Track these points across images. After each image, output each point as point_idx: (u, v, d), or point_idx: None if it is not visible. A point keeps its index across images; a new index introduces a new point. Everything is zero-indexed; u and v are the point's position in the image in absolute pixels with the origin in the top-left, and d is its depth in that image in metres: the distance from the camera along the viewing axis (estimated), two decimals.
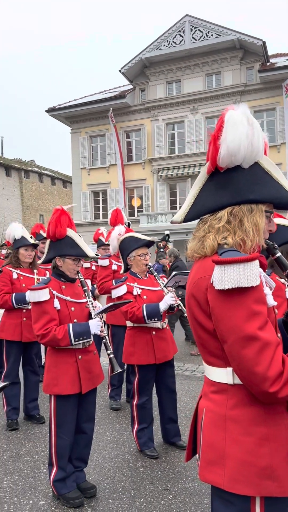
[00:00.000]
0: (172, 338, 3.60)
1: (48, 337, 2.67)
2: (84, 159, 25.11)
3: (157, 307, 3.30)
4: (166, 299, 3.32)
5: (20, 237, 4.27)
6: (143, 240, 3.54)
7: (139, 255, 3.51)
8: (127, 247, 3.56)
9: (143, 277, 3.56)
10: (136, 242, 3.52)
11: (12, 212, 41.78)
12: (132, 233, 3.62)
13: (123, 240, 3.60)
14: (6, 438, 3.84)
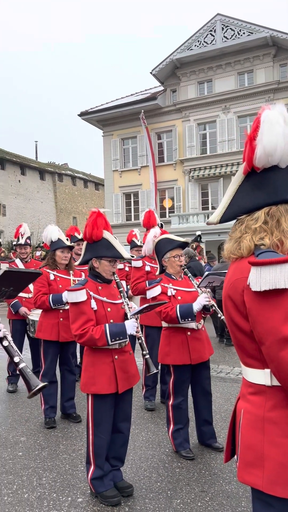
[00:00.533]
0: (208, 339, 3.59)
1: (85, 337, 2.73)
2: (116, 162, 25.34)
3: (190, 308, 3.31)
4: (200, 300, 3.32)
5: (56, 239, 4.37)
6: (177, 242, 3.56)
7: (173, 256, 3.53)
8: (162, 249, 3.59)
9: (178, 278, 3.57)
10: (171, 243, 3.55)
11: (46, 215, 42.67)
12: (167, 234, 3.65)
13: (158, 241, 3.63)
14: (45, 436, 3.93)
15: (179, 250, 3.56)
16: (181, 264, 3.55)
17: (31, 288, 5.15)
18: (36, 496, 2.91)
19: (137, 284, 4.76)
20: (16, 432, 4.03)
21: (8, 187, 39.42)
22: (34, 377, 1.65)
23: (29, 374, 1.64)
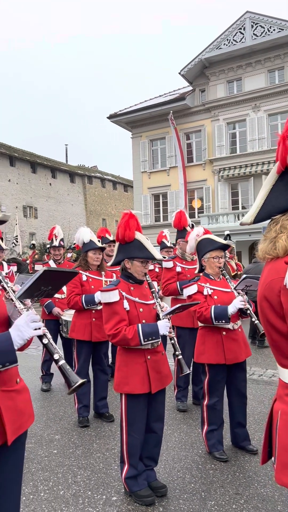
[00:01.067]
0: (245, 341, 3.54)
1: (118, 337, 2.76)
2: (144, 163, 25.43)
3: (225, 310, 3.29)
4: (235, 303, 3.30)
5: (88, 241, 4.44)
6: (218, 243, 3.55)
7: (213, 257, 3.52)
8: (202, 249, 3.59)
9: (216, 279, 3.56)
10: (212, 244, 3.54)
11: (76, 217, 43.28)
12: (209, 235, 3.63)
13: (200, 241, 3.63)
14: (78, 435, 3.99)
15: (219, 252, 3.54)
16: (220, 265, 3.54)
17: (64, 289, 5.24)
18: (72, 493, 2.96)
19: (168, 285, 4.77)
20: (51, 430, 4.11)
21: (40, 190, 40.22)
22: (73, 373, 1.69)
23: (68, 371, 1.68)
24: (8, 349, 1.60)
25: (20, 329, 1.63)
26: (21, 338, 1.63)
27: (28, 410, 1.82)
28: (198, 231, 3.71)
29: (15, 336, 1.62)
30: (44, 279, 1.70)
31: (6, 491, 1.76)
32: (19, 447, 1.80)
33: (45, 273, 1.67)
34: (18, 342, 1.62)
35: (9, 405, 1.69)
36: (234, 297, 3.40)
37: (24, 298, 1.76)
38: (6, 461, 1.75)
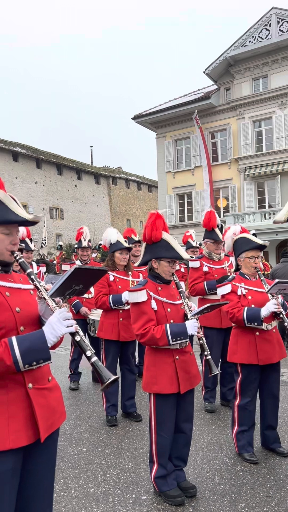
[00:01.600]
0: (280, 342, 3.46)
1: (147, 337, 2.76)
2: (169, 163, 25.39)
3: (258, 313, 3.25)
4: (268, 306, 3.24)
5: (115, 241, 4.47)
6: (255, 243, 3.48)
7: (249, 257, 3.48)
8: (238, 248, 3.55)
9: (251, 279, 3.51)
10: (248, 244, 3.48)
11: (101, 218, 43.64)
12: (246, 234, 3.57)
13: (236, 240, 3.58)
14: (107, 433, 4.02)
15: (255, 252, 3.48)
16: (256, 265, 3.47)
17: (92, 289, 5.29)
18: (102, 491, 2.99)
19: (195, 284, 4.74)
20: (80, 428, 4.16)
21: (66, 192, 40.77)
22: (106, 370, 1.70)
23: (101, 368, 1.70)
24: (42, 346, 1.63)
25: (53, 326, 1.66)
26: (54, 335, 1.66)
27: (60, 408, 1.85)
28: (235, 229, 3.65)
29: (48, 333, 1.65)
30: (75, 277, 1.73)
31: (39, 487, 1.80)
32: (51, 445, 1.83)
33: (76, 271, 1.70)
34: (51, 339, 1.66)
35: (41, 403, 1.73)
36: (268, 298, 3.33)
37: (56, 296, 1.79)
38: (39, 458, 1.78)
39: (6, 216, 1.76)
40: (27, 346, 1.61)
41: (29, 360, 1.61)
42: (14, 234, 1.82)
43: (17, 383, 1.68)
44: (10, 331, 1.69)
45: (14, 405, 1.66)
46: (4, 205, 1.78)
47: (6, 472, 1.62)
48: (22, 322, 1.74)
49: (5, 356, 1.57)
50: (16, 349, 1.59)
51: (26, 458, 1.74)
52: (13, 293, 1.77)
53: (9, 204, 1.79)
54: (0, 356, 1.57)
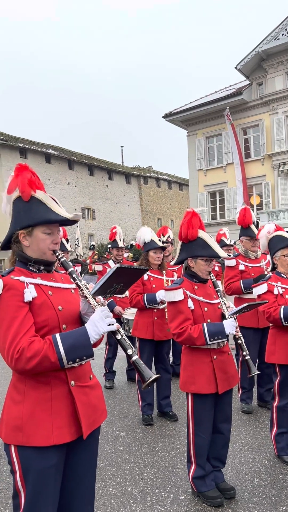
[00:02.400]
0: None
1: (184, 336, 2.74)
2: (200, 161, 25.18)
3: None
4: None
5: (149, 241, 4.46)
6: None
7: (284, 255, 3.39)
8: (274, 246, 3.46)
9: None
10: (282, 241, 3.40)
11: (132, 218, 43.83)
12: (281, 232, 3.49)
13: (271, 238, 3.51)
14: (143, 432, 4.03)
15: None
16: None
17: None
18: (139, 490, 3.00)
19: (231, 283, 4.67)
20: (116, 427, 4.18)
21: (97, 192, 41.18)
22: (147, 369, 1.71)
23: (142, 366, 1.70)
24: (86, 343, 1.65)
25: (96, 324, 1.68)
26: (97, 333, 1.68)
27: (101, 406, 1.86)
28: (269, 228, 3.57)
29: (91, 330, 1.67)
30: (116, 276, 1.74)
31: (81, 483, 1.82)
32: (93, 442, 1.84)
33: (118, 270, 1.71)
34: (94, 336, 1.67)
35: (83, 400, 1.74)
36: None
37: (97, 295, 1.80)
38: (81, 455, 1.80)
39: (47, 216, 1.79)
40: (70, 343, 1.64)
41: (73, 356, 1.64)
42: (55, 234, 1.85)
43: (60, 380, 1.71)
44: (53, 329, 1.72)
45: (57, 402, 1.68)
46: (45, 205, 1.81)
47: (50, 467, 1.65)
48: (64, 320, 1.76)
49: (49, 352, 1.60)
50: (60, 345, 1.62)
51: (68, 455, 1.76)
52: (55, 292, 1.80)
53: (50, 204, 1.82)
54: (45, 352, 1.59)
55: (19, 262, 1.85)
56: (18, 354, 1.59)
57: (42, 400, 1.67)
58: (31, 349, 1.59)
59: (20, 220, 1.81)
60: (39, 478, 1.65)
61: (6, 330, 1.64)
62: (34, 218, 1.79)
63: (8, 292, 1.69)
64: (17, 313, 1.66)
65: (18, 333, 1.62)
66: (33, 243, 1.81)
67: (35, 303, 1.71)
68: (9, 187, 1.84)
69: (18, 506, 1.70)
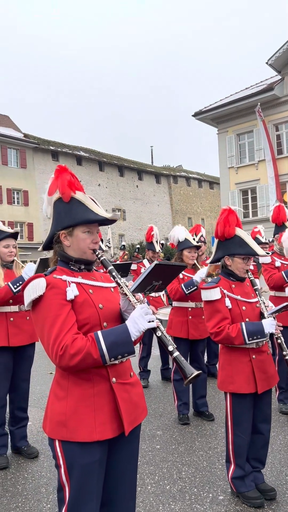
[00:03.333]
0: None
1: (221, 335, 2.72)
2: (231, 158, 24.87)
3: None
4: None
5: (183, 240, 4.45)
6: None
7: None
8: None
9: None
10: None
11: (162, 217, 43.79)
12: None
13: None
14: (179, 432, 4.03)
15: None
16: None
17: None
18: (178, 489, 3.00)
19: (272, 275, 4.52)
20: (152, 425, 4.19)
21: (127, 193, 41.40)
22: (188, 365, 1.71)
23: (183, 363, 1.71)
24: (126, 340, 1.67)
25: (136, 321, 1.69)
26: (137, 329, 1.69)
27: (142, 404, 1.88)
28: None
29: (131, 327, 1.69)
30: (155, 273, 1.75)
31: (123, 480, 1.84)
32: (134, 439, 1.86)
33: (157, 267, 1.72)
34: (134, 333, 1.69)
35: (125, 397, 1.76)
36: None
37: (137, 292, 1.82)
38: (123, 452, 1.82)
39: (87, 216, 1.82)
40: (112, 340, 1.66)
41: (115, 353, 1.66)
42: (95, 233, 1.88)
43: (101, 377, 1.73)
44: (94, 327, 1.75)
45: (99, 399, 1.71)
46: (85, 205, 1.84)
47: (93, 463, 1.68)
48: (105, 318, 1.79)
49: (92, 349, 1.63)
50: (102, 343, 1.64)
51: (111, 451, 1.79)
52: (96, 290, 1.83)
53: (89, 204, 1.85)
54: (88, 349, 1.62)
55: (60, 261, 1.90)
56: (62, 351, 1.63)
57: (85, 397, 1.70)
58: (74, 346, 1.63)
59: (61, 221, 1.85)
60: (83, 473, 1.68)
61: (50, 327, 1.68)
62: (74, 219, 1.83)
63: (51, 291, 1.73)
64: (60, 311, 1.70)
65: (61, 331, 1.66)
66: (73, 243, 1.85)
67: (77, 302, 1.75)
68: (50, 189, 1.89)
69: (62, 499, 1.73)
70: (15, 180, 30.96)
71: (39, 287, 1.73)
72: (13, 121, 34.82)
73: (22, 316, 3.56)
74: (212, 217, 47.13)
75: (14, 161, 31.34)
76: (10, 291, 3.39)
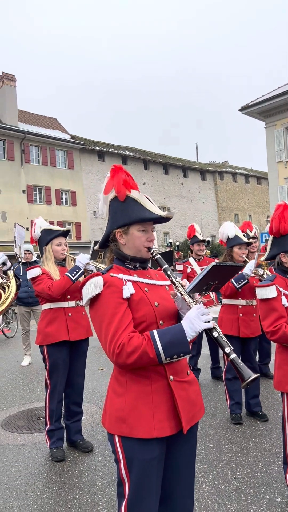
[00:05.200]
0: None
1: (278, 334, 2.65)
2: (280, 152, 24.15)
3: None
4: None
5: (233, 236, 4.38)
6: None
7: None
8: None
9: None
10: None
11: (208, 214, 43.30)
12: None
13: None
14: (232, 431, 3.97)
15: None
16: None
17: None
18: (233, 489, 2.96)
19: None
20: (204, 424, 4.16)
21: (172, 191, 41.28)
22: (245, 368, 1.68)
23: (240, 365, 1.68)
24: (183, 340, 1.66)
25: (192, 321, 1.68)
26: (194, 330, 1.68)
27: (199, 402, 1.87)
28: None
29: (187, 328, 1.68)
30: (212, 274, 1.73)
31: (181, 477, 1.84)
32: (192, 437, 1.85)
33: (214, 268, 1.70)
34: (190, 333, 1.68)
35: (182, 395, 1.76)
36: None
37: (193, 292, 1.81)
38: (181, 450, 1.82)
39: (142, 214, 1.84)
40: (168, 339, 1.65)
41: (171, 353, 1.65)
42: (150, 231, 1.89)
43: (159, 374, 1.74)
44: (150, 325, 1.76)
45: (157, 396, 1.72)
46: (140, 204, 1.86)
47: (153, 459, 1.69)
48: (161, 316, 1.79)
49: (148, 348, 1.63)
50: (158, 342, 1.64)
51: (169, 449, 1.79)
52: (151, 288, 1.84)
53: (144, 203, 1.86)
54: (144, 348, 1.63)
55: (116, 259, 1.92)
56: (119, 349, 1.64)
57: (143, 394, 1.71)
58: (131, 345, 1.64)
59: (116, 220, 1.88)
60: (142, 469, 1.69)
61: (107, 326, 1.70)
62: (130, 217, 1.84)
63: (108, 289, 1.75)
64: (117, 309, 1.72)
65: (118, 329, 1.68)
66: (129, 241, 1.87)
67: (133, 299, 1.76)
68: (106, 188, 1.92)
69: (122, 494, 1.76)
70: (63, 181, 31.75)
71: (97, 285, 1.76)
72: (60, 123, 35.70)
73: (79, 311, 3.68)
74: (259, 213, 46.02)
75: (62, 162, 32.14)
76: (69, 280, 3.51)
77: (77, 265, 3.60)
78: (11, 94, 29.65)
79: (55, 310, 3.63)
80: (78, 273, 3.57)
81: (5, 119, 29.12)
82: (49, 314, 3.64)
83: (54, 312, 3.62)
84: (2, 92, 29.64)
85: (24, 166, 29.45)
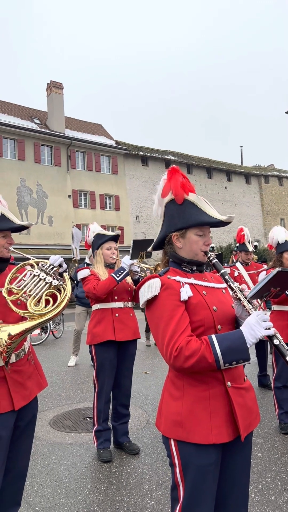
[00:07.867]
0: None
1: None
2: None
3: None
4: None
5: (283, 241, 4.27)
6: None
7: None
8: None
9: None
10: None
11: (252, 219, 42.46)
12: None
13: None
14: (282, 441, 3.86)
15: None
16: None
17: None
18: (284, 500, 2.87)
19: None
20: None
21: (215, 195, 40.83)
22: None
23: None
24: (242, 346, 1.63)
25: (252, 327, 1.64)
26: (254, 336, 1.64)
27: (256, 409, 1.83)
28: None
29: (247, 334, 1.64)
30: (275, 280, 1.69)
31: (236, 485, 1.81)
32: (247, 444, 1.82)
33: (278, 274, 1.66)
34: (250, 340, 1.64)
35: (240, 402, 1.73)
36: None
37: (255, 298, 1.78)
38: (237, 457, 1.79)
39: (201, 218, 1.82)
40: (227, 345, 1.63)
41: (229, 359, 1.62)
42: (207, 235, 1.87)
43: (217, 380, 1.71)
44: (208, 329, 1.73)
45: (215, 402, 1.70)
46: (198, 207, 1.84)
47: (209, 465, 1.68)
48: (219, 320, 1.77)
49: (207, 353, 1.61)
50: (217, 347, 1.62)
51: (225, 455, 1.77)
52: (209, 292, 1.82)
53: (202, 206, 1.85)
54: (203, 352, 1.61)
55: (172, 262, 1.92)
56: (176, 352, 1.63)
57: (201, 399, 1.70)
58: (189, 348, 1.62)
59: (173, 223, 1.87)
60: (198, 474, 1.68)
61: (164, 328, 1.70)
62: (188, 221, 1.83)
63: (165, 291, 1.75)
64: (174, 312, 1.71)
65: (176, 331, 1.67)
66: (186, 245, 1.86)
67: (191, 303, 1.75)
68: (163, 191, 1.91)
69: (176, 498, 1.75)
70: (107, 186, 32.24)
71: (154, 287, 1.76)
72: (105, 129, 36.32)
73: (126, 313, 3.71)
74: None
75: (106, 167, 32.66)
76: (114, 280, 3.57)
77: (122, 266, 3.65)
78: (58, 101, 30.51)
79: (103, 310, 3.69)
80: (122, 274, 3.62)
81: (53, 125, 30.00)
82: (97, 315, 3.70)
83: (102, 313, 3.69)
84: (50, 99, 30.57)
85: (70, 171, 30.16)
